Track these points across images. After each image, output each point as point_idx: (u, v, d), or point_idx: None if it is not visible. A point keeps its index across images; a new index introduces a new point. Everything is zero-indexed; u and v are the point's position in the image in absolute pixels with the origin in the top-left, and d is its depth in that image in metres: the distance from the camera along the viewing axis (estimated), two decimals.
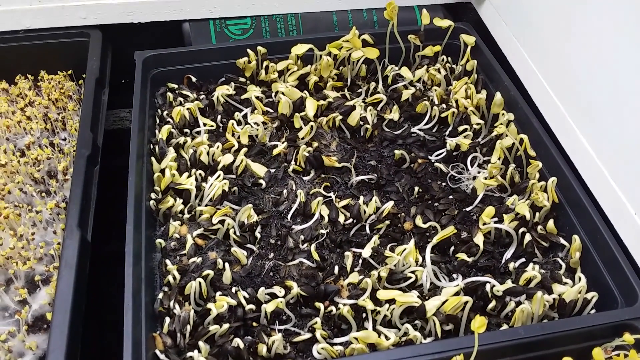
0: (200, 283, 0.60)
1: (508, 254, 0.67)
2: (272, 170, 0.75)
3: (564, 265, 0.65)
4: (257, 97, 0.82)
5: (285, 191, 0.72)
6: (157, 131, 0.77)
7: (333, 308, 0.60)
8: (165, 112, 0.81)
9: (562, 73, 0.74)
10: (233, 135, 0.78)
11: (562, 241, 0.66)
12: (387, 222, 0.69)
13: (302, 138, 0.78)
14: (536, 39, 0.80)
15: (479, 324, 0.51)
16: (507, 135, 0.75)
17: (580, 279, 0.63)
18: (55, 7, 0.86)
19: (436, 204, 0.72)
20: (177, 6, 0.90)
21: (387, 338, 0.57)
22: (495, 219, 0.68)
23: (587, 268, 0.64)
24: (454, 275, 0.65)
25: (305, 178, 0.75)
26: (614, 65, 0.65)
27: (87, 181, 0.67)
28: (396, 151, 0.77)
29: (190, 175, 0.71)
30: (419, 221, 0.69)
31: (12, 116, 0.80)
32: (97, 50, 0.84)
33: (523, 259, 0.66)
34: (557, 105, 0.74)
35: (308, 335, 0.59)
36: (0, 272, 0.63)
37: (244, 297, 0.60)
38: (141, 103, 0.77)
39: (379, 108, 0.84)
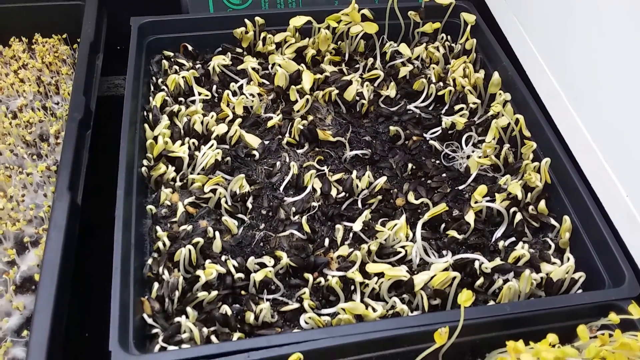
0: (190, 250, 0.60)
1: (498, 232, 0.67)
2: (266, 142, 0.75)
3: (553, 246, 0.65)
4: (253, 69, 0.81)
5: (278, 163, 0.72)
6: (151, 98, 0.76)
7: (322, 279, 0.60)
8: (160, 80, 0.80)
9: (561, 55, 0.73)
10: (228, 105, 0.77)
11: (553, 222, 0.66)
12: (379, 197, 0.69)
13: (298, 111, 0.78)
14: (537, 20, 0.79)
15: (465, 297, 0.51)
16: (503, 115, 0.74)
17: (568, 259, 0.63)
18: None
19: (429, 181, 0.72)
20: None
21: (374, 310, 0.57)
22: (487, 197, 0.68)
23: (576, 249, 0.64)
24: (444, 252, 0.65)
25: (299, 151, 0.75)
26: (613, 47, 0.64)
27: (79, 145, 0.66)
28: (391, 127, 0.77)
29: (183, 144, 0.71)
30: (411, 197, 0.69)
31: (5, 78, 0.79)
32: (93, 15, 0.83)
33: (513, 238, 0.66)
34: (554, 87, 0.74)
35: (296, 305, 0.59)
36: None
37: (234, 266, 0.60)
38: (136, 70, 0.76)
39: (375, 84, 0.83)
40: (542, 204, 0.67)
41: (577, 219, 0.65)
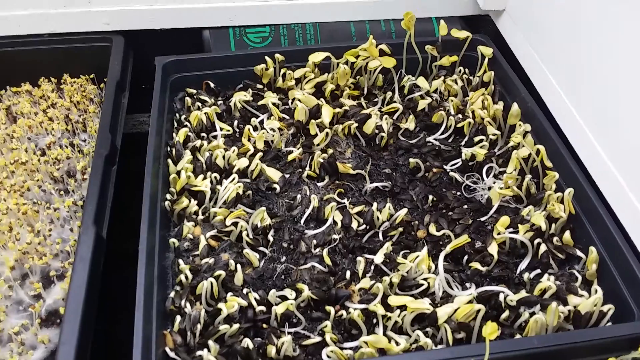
0: (211, 283, 0.60)
1: (523, 264, 0.66)
2: (287, 176, 0.76)
3: (580, 278, 0.64)
4: (273, 104, 0.82)
5: (299, 196, 0.73)
6: (174, 134, 0.78)
7: (344, 312, 0.60)
8: (183, 117, 0.82)
9: (580, 84, 0.74)
10: (249, 140, 0.79)
11: (579, 253, 0.65)
12: (401, 229, 0.69)
13: (318, 145, 0.79)
14: (554, 51, 0.80)
15: (490, 330, 0.50)
16: (523, 146, 0.74)
17: (596, 291, 0.62)
18: (80, 12, 0.89)
19: (450, 213, 0.72)
20: (198, 14, 0.92)
21: (397, 344, 0.56)
22: (510, 229, 0.68)
23: (604, 280, 0.63)
24: (467, 284, 0.64)
25: (320, 184, 0.75)
26: (633, 76, 0.64)
27: (105, 180, 0.68)
28: (411, 160, 0.77)
29: (205, 178, 0.72)
30: (432, 229, 0.69)
31: (34, 117, 0.82)
32: (119, 55, 0.86)
33: (538, 270, 0.65)
34: (574, 116, 0.74)
35: (318, 339, 0.58)
36: (17, 266, 0.64)
37: (255, 299, 0.60)
38: (160, 107, 0.78)
39: (394, 117, 0.84)
40: (567, 234, 0.66)
41: (604, 249, 0.64)
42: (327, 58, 0.85)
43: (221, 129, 0.80)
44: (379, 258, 0.64)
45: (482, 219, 0.71)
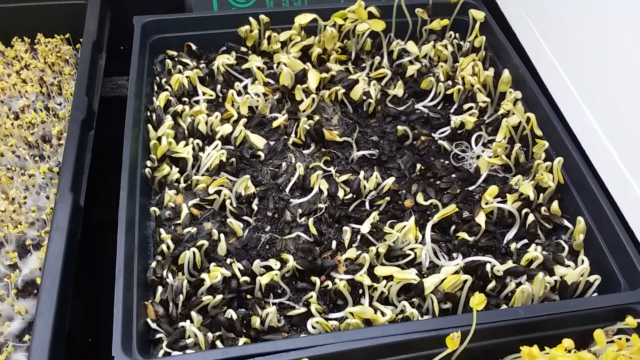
0: (194, 253, 0.58)
1: (510, 234, 0.65)
2: (272, 143, 0.74)
3: (567, 248, 0.64)
4: (258, 68, 0.80)
5: (284, 164, 0.71)
6: (154, 98, 0.75)
7: (329, 283, 0.59)
8: (163, 80, 0.79)
9: (574, 51, 0.72)
10: (233, 105, 0.76)
11: (566, 223, 0.65)
12: (388, 198, 0.67)
13: (303, 111, 0.77)
14: (548, 16, 0.77)
15: (477, 300, 0.50)
16: (513, 114, 0.73)
17: (583, 261, 0.62)
18: None
19: (438, 182, 0.71)
20: None
21: (383, 314, 0.56)
22: (499, 198, 0.67)
23: (591, 251, 0.63)
24: (454, 255, 0.63)
25: (305, 151, 0.73)
26: (627, 44, 0.63)
27: (81, 145, 0.65)
28: (399, 127, 0.75)
29: (187, 144, 0.70)
30: (420, 199, 0.68)
31: (7, 79, 0.78)
32: (95, 14, 0.82)
33: (525, 240, 0.65)
34: (567, 84, 0.72)
35: (303, 310, 0.58)
36: None
37: (239, 269, 0.59)
38: (139, 69, 0.75)
39: (383, 83, 0.82)
40: (554, 204, 0.66)
41: (591, 220, 0.63)
42: (314, 20, 0.82)
43: (203, 94, 0.78)
44: (365, 228, 0.63)
45: (470, 188, 0.70)
